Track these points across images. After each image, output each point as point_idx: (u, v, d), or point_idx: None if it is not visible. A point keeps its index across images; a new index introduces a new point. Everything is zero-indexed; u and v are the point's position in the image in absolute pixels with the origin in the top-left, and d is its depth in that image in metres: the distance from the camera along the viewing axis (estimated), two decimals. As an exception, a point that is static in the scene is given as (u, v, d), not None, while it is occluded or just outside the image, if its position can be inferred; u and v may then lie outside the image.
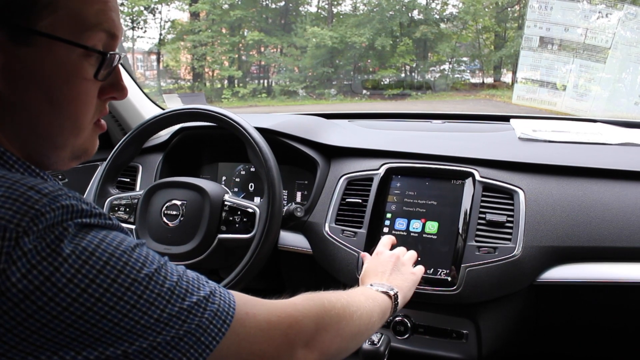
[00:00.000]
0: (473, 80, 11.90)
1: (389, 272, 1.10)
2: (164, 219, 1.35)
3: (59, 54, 0.61)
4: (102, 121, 0.72)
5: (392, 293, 1.02)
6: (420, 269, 1.17)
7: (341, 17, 13.01)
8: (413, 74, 12.43)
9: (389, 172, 1.38)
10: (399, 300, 1.03)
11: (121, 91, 0.71)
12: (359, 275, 1.26)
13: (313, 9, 13.73)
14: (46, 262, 0.53)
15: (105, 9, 0.64)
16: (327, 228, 1.36)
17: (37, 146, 0.65)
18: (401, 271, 1.12)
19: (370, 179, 1.39)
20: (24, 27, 0.59)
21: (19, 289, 0.51)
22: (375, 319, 0.94)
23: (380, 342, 1.09)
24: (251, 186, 1.69)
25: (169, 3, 13.22)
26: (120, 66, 0.71)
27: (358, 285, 1.08)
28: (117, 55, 0.68)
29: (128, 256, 0.59)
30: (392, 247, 1.22)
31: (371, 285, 1.04)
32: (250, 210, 1.34)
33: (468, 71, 12.18)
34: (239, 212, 1.35)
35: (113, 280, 0.56)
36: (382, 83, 11.44)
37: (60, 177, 1.73)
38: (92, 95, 0.67)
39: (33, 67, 0.61)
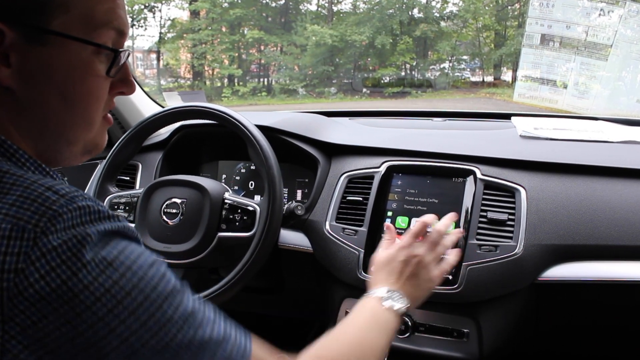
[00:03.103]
0: (473, 79, 11.90)
1: (406, 276, 1.01)
2: (164, 217, 1.35)
3: (72, 52, 0.63)
4: (109, 115, 0.74)
5: (402, 310, 0.96)
6: (443, 269, 1.07)
7: (341, 15, 13.00)
8: (413, 72, 12.43)
9: (390, 170, 1.38)
10: (403, 310, 0.97)
11: (130, 86, 0.74)
12: (359, 274, 1.25)
13: (313, 7, 13.73)
14: (65, 265, 0.53)
15: (114, 7, 0.66)
16: (327, 226, 1.35)
17: (50, 142, 0.67)
18: (420, 276, 1.02)
19: (371, 177, 1.38)
20: (38, 27, 0.61)
21: (36, 290, 0.52)
22: (382, 353, 0.90)
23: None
24: (251, 184, 1.69)
25: (169, 1, 13.22)
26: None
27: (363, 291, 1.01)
28: (126, 52, 0.70)
29: (144, 272, 0.58)
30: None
31: (384, 295, 0.96)
32: (251, 208, 1.33)
33: (468, 69, 12.18)
34: (239, 211, 1.34)
35: (127, 293, 0.56)
36: (382, 81, 11.42)
37: (60, 175, 1.72)
38: (103, 91, 0.69)
39: (46, 65, 0.62)
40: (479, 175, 1.30)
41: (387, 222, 1.32)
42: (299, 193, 1.61)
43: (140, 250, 0.61)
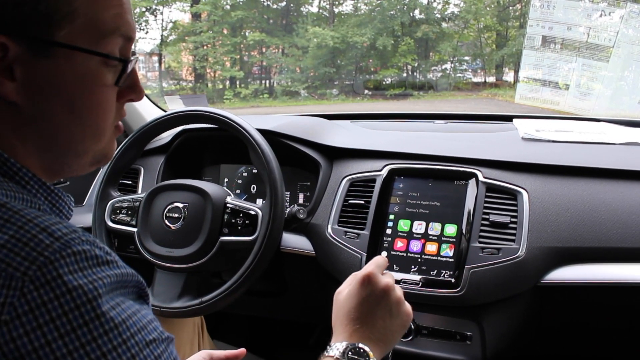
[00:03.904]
0: (475, 80, 11.86)
1: (380, 317, 0.85)
2: (166, 221, 1.35)
3: (79, 63, 0.61)
4: (120, 123, 0.72)
5: None
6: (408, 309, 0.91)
7: (342, 17, 12.98)
8: (415, 73, 12.41)
9: (392, 173, 1.38)
10: None
11: (139, 93, 0.71)
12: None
13: (314, 9, 13.72)
14: (53, 325, 0.49)
15: (121, 12, 0.63)
16: (329, 230, 1.35)
17: (58, 156, 0.65)
18: (392, 313, 0.86)
19: (373, 180, 1.38)
20: (44, 39, 0.58)
21: (17, 346, 0.48)
22: None
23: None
24: (253, 188, 1.69)
25: (170, 4, 13.23)
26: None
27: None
28: (134, 60, 0.68)
29: (138, 349, 0.53)
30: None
31: (346, 354, 0.79)
32: (253, 212, 1.34)
33: (470, 70, 12.14)
34: (241, 215, 1.34)
35: None
36: (383, 83, 11.42)
37: (62, 180, 1.73)
38: (112, 101, 0.66)
39: (53, 78, 0.60)
40: (480, 178, 1.30)
41: (389, 225, 1.32)
42: (300, 196, 1.61)
43: (143, 321, 0.56)
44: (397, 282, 1.23)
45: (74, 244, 0.53)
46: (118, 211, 1.43)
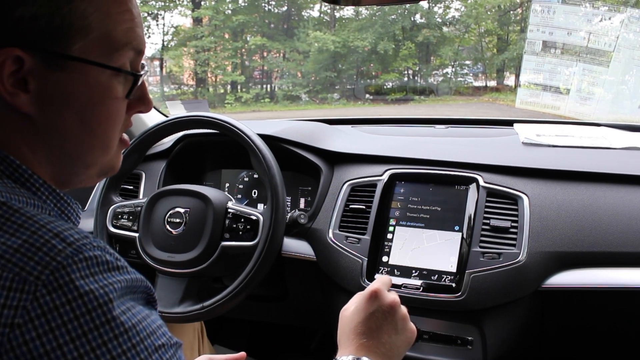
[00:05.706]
0: (476, 84, 11.88)
1: (386, 332, 0.88)
2: (167, 226, 1.35)
3: (91, 76, 0.62)
4: (125, 136, 0.73)
5: None
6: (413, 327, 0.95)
7: (343, 21, 13.02)
8: (416, 77, 12.44)
9: (393, 178, 1.38)
10: None
11: (147, 104, 0.72)
12: (363, 282, 1.25)
13: (315, 14, 13.76)
14: (65, 329, 0.50)
15: (133, 27, 0.65)
16: (330, 234, 1.35)
17: (67, 166, 0.66)
18: (398, 329, 0.89)
19: (373, 185, 1.39)
20: (58, 53, 0.59)
21: (29, 349, 0.49)
22: None
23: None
24: (254, 193, 1.69)
25: (172, 9, 13.28)
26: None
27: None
28: (144, 73, 0.69)
29: (148, 354, 0.54)
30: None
31: None
32: (254, 217, 1.34)
33: (471, 74, 12.17)
34: (242, 220, 1.34)
35: None
36: (384, 87, 11.45)
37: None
38: (121, 113, 0.67)
39: (65, 91, 0.61)
40: (481, 182, 1.30)
41: (390, 230, 1.32)
42: (302, 201, 1.62)
43: (152, 326, 0.56)
44: (398, 286, 1.23)
45: (85, 249, 0.54)
46: (119, 216, 1.43)
